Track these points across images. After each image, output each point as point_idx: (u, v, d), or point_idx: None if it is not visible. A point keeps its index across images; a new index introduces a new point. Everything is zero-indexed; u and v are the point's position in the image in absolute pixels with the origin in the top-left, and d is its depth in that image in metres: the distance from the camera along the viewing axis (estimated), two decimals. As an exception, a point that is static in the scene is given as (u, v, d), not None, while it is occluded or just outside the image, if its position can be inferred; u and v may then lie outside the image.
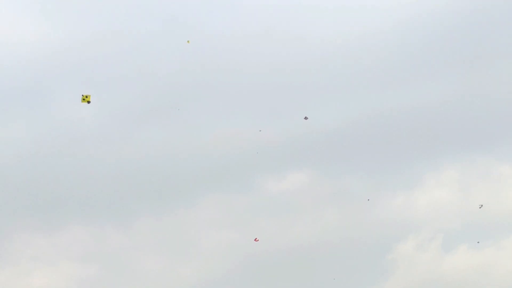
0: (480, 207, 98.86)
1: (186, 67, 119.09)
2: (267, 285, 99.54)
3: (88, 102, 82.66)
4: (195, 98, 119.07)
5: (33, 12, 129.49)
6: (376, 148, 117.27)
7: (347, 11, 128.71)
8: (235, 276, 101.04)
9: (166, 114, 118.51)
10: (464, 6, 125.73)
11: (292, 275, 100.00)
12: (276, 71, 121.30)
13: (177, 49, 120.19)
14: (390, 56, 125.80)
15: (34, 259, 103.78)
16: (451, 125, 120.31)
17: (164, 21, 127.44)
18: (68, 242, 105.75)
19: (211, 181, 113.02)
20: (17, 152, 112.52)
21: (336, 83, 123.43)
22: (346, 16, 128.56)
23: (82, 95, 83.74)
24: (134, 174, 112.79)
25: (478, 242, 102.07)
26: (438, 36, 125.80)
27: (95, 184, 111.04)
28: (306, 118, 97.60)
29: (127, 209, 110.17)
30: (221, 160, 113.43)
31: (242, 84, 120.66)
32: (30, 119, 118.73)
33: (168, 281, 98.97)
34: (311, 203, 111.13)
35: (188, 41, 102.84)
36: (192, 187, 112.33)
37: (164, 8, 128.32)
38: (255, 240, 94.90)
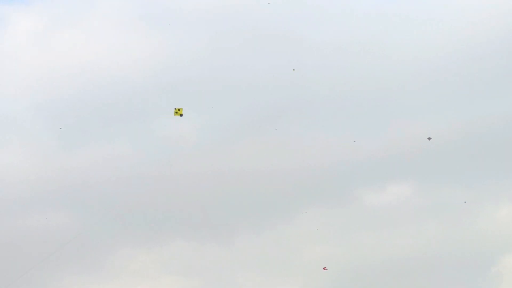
0: None
1: (281, 79, 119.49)
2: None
3: (181, 115, 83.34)
4: (291, 111, 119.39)
5: (134, 31, 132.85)
6: (477, 157, 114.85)
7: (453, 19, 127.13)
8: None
9: (263, 128, 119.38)
10: None
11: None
12: (371, 80, 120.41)
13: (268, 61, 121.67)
14: (493, 65, 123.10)
15: (136, 274, 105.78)
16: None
17: (256, 35, 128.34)
18: (169, 257, 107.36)
19: (310, 195, 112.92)
20: (120, 169, 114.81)
21: (434, 93, 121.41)
22: (451, 24, 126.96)
23: (175, 108, 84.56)
24: (234, 189, 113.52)
25: None
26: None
27: (195, 200, 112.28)
28: (429, 138, 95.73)
29: (228, 224, 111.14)
30: (319, 173, 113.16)
31: (337, 96, 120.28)
32: (132, 136, 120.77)
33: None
34: (412, 216, 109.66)
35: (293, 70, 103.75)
36: (292, 201, 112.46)
37: (260, 23, 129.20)
38: (324, 269, 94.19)
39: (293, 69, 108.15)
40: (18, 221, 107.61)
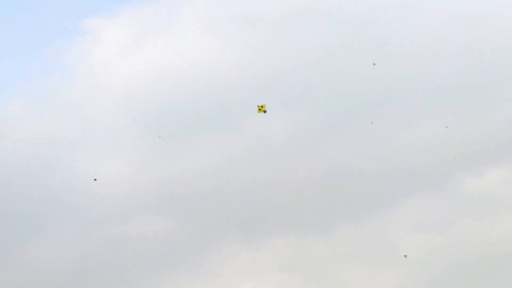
0: None
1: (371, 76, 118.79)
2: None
3: (264, 111, 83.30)
4: (383, 104, 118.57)
5: (222, 35, 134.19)
6: None
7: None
8: (440, 281, 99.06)
9: (358, 122, 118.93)
10: None
11: (503, 277, 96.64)
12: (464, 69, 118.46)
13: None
14: None
15: (240, 273, 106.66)
16: None
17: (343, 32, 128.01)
18: (271, 254, 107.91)
19: (408, 184, 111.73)
20: (217, 172, 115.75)
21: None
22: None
23: (258, 106, 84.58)
24: (331, 183, 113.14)
25: None
26: None
27: (293, 194, 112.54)
28: None
29: (326, 218, 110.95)
30: (416, 162, 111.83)
31: (429, 85, 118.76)
32: (224, 139, 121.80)
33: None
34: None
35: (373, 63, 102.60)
36: (390, 191, 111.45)
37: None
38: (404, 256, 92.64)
39: (373, 64, 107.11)
40: (121, 227, 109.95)
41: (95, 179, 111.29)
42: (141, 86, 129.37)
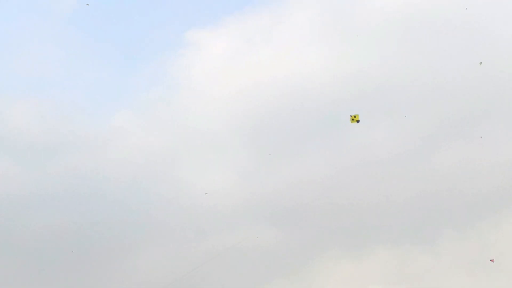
0: None
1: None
2: None
3: (358, 121, 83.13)
4: (488, 111, 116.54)
5: (322, 43, 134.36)
6: None
7: None
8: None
9: (463, 131, 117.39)
10: None
11: None
12: None
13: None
14: None
15: (343, 283, 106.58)
16: None
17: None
18: (374, 265, 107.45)
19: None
20: (321, 183, 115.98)
21: None
22: None
23: (351, 116, 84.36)
24: (436, 192, 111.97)
25: None
26: None
27: (396, 206, 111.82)
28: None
29: (431, 228, 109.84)
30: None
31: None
32: (328, 150, 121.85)
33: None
34: None
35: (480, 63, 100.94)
36: (495, 201, 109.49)
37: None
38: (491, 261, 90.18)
39: (480, 63, 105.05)
40: (230, 239, 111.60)
41: (206, 193, 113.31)
42: (244, 97, 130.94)
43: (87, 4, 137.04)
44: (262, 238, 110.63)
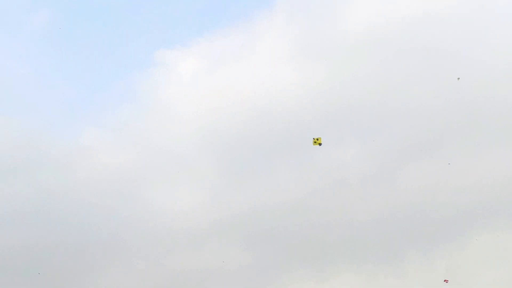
0: None
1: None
2: None
3: (320, 144, 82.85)
4: (456, 133, 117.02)
5: (292, 65, 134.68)
6: None
7: None
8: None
9: (427, 149, 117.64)
10: None
11: None
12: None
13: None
14: None
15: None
16: None
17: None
18: (339, 287, 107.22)
19: (481, 218, 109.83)
20: (289, 206, 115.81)
21: None
22: None
23: (313, 138, 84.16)
24: (402, 217, 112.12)
25: None
26: None
27: (363, 229, 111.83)
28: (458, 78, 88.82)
29: (397, 251, 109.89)
30: (489, 193, 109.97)
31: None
32: (294, 167, 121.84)
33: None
34: None
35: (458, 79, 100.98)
36: (462, 225, 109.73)
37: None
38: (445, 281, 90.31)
39: (458, 78, 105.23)
40: (192, 255, 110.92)
41: (174, 218, 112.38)
42: (213, 117, 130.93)
43: (60, 28, 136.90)
44: (229, 259, 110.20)
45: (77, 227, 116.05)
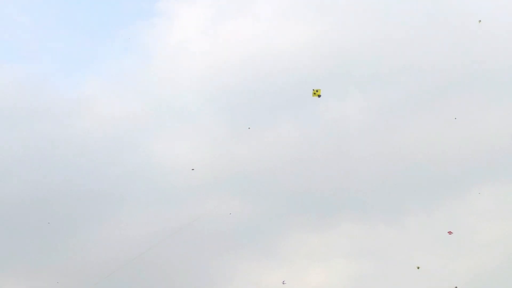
0: None
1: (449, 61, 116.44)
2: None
3: (319, 96, 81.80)
4: (457, 89, 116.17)
5: (298, 17, 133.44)
6: None
7: None
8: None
9: (429, 107, 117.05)
10: None
11: None
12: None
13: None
14: None
15: (308, 257, 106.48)
16: None
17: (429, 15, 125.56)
18: (340, 239, 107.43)
19: (483, 171, 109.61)
20: (287, 153, 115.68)
21: None
22: None
23: (313, 90, 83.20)
24: (402, 169, 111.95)
25: None
26: None
27: (364, 181, 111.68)
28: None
29: (398, 204, 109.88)
30: (490, 148, 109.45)
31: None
32: (298, 120, 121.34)
33: (441, 277, 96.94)
34: None
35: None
36: (463, 179, 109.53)
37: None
38: (449, 233, 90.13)
39: (479, 21, 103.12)
40: (192, 209, 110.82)
41: (192, 169, 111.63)
42: (216, 67, 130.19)
43: None
44: (229, 210, 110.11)
45: (78, 177, 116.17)
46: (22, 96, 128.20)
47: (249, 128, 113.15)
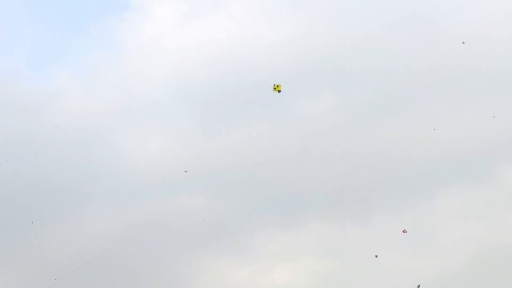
0: None
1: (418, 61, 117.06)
2: (510, 281, 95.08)
3: (279, 91, 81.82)
4: (427, 91, 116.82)
5: (274, 16, 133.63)
6: None
7: None
8: (475, 270, 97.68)
9: (402, 107, 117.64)
10: None
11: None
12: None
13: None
14: None
15: (275, 255, 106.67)
16: None
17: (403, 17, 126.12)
18: (307, 238, 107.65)
19: (449, 173, 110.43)
20: (258, 151, 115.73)
21: None
22: None
23: (274, 85, 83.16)
24: (371, 169, 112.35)
25: None
26: None
27: (332, 180, 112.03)
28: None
29: (365, 204, 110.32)
30: (458, 151, 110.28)
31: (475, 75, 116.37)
32: (270, 118, 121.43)
33: (406, 276, 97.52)
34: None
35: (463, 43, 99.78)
36: (430, 180, 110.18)
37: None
38: (403, 232, 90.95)
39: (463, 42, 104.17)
40: (160, 205, 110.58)
41: (185, 171, 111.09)
42: (189, 64, 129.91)
43: None
44: (197, 207, 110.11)
45: (46, 171, 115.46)
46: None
47: (228, 134, 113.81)
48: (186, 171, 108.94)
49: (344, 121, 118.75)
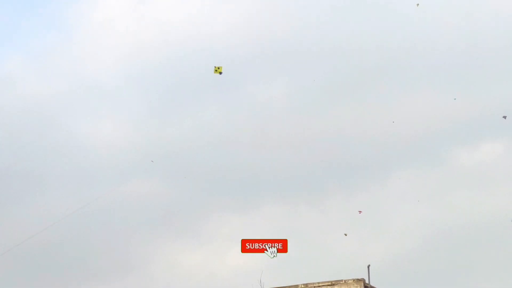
0: None
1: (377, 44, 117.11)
2: (460, 260, 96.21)
3: (220, 73, 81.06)
4: (386, 73, 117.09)
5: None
6: None
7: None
8: (426, 251, 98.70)
9: (356, 91, 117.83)
10: None
11: (486, 251, 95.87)
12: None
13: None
14: None
15: (228, 238, 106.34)
16: None
17: None
18: (261, 221, 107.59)
19: (402, 155, 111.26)
20: (210, 137, 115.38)
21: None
22: None
23: (215, 67, 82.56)
24: (326, 152, 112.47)
25: None
26: None
27: (287, 163, 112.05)
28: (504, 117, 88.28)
29: (320, 186, 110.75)
30: (412, 133, 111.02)
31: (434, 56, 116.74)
32: (222, 102, 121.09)
33: (360, 257, 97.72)
34: (507, 175, 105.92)
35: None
36: (384, 162, 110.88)
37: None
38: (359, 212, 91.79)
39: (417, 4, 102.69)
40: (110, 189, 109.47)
41: (152, 161, 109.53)
42: (141, 47, 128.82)
43: None
44: (150, 190, 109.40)
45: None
46: None
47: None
48: (152, 161, 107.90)
49: (298, 105, 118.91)
